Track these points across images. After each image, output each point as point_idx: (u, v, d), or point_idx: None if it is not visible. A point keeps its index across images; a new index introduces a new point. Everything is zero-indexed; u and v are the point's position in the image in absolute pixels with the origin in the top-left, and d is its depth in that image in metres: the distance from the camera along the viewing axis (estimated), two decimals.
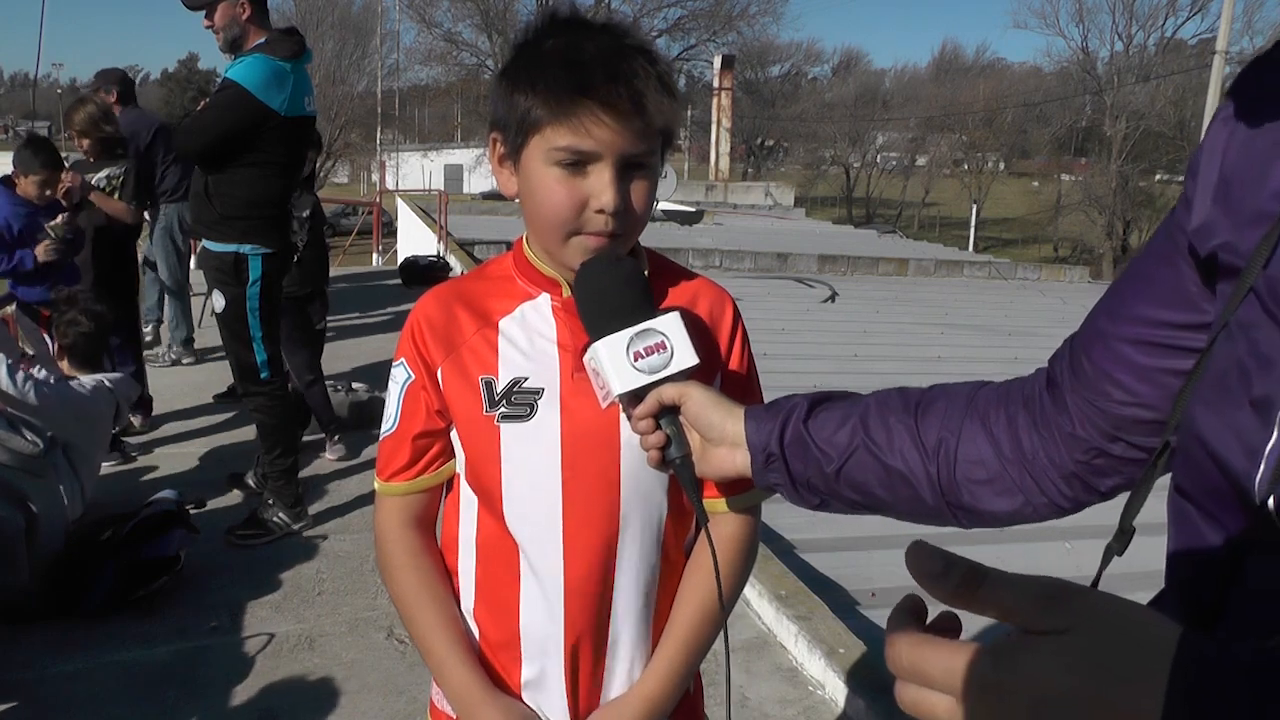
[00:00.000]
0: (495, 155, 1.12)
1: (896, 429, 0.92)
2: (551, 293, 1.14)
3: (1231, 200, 0.67)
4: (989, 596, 0.52)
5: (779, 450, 0.96)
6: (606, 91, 1.01)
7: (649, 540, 1.16)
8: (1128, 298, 0.80)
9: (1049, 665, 0.49)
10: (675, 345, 1.01)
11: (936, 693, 0.53)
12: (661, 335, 1.01)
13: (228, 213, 3.64)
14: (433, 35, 34.99)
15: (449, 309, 1.16)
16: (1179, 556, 0.70)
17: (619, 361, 1.00)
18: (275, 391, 3.83)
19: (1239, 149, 0.67)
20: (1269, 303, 0.62)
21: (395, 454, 1.18)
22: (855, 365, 7.20)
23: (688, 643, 1.18)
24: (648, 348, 1.00)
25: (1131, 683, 0.48)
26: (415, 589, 1.19)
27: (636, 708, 1.17)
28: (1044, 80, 45.47)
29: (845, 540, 3.87)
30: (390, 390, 1.19)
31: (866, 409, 0.95)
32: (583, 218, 1.05)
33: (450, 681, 1.16)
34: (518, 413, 1.11)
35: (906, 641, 0.55)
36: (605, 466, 1.12)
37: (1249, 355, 0.63)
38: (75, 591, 3.18)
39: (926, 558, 0.54)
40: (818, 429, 0.95)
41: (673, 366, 1.01)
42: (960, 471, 0.90)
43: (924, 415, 0.92)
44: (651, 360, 1.00)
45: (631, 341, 1.00)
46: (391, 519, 1.21)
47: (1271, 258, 0.62)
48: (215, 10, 3.64)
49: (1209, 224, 0.69)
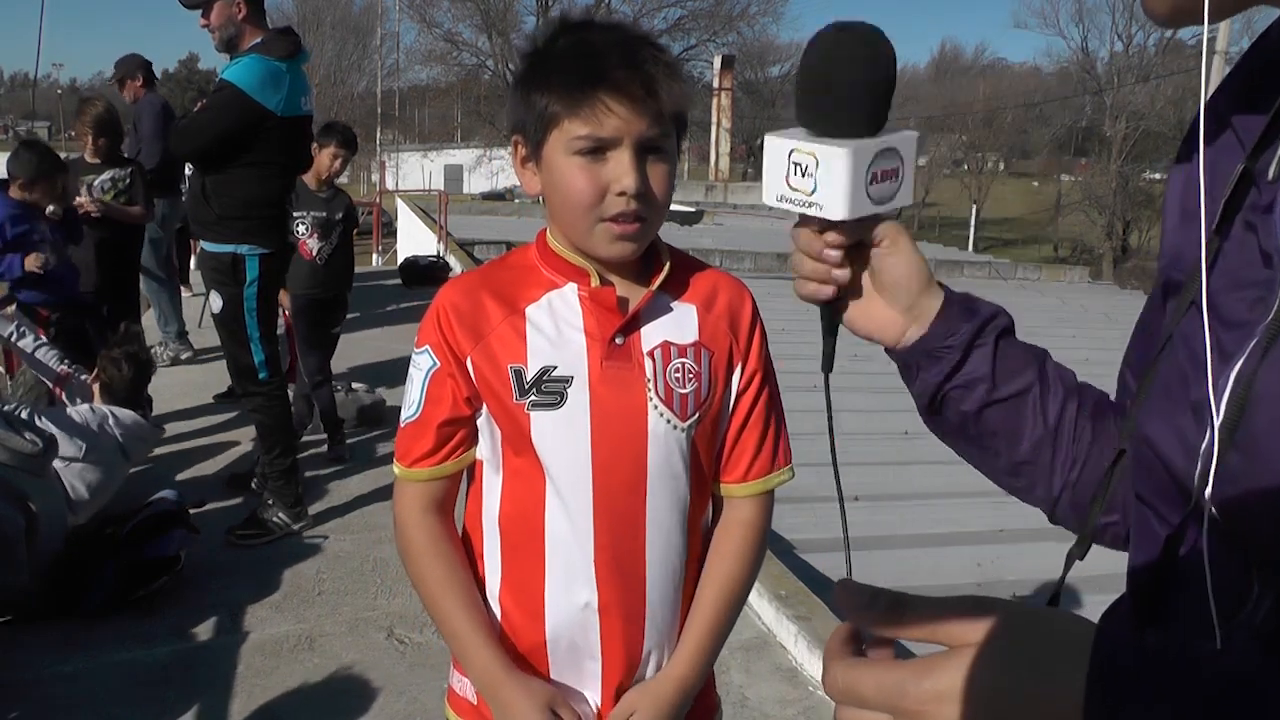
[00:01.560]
0: (517, 158, 1.16)
1: (1064, 399, 0.88)
2: (579, 282, 1.16)
3: (1187, 227, 0.72)
4: (916, 620, 0.56)
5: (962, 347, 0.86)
6: (618, 79, 1.05)
7: (675, 520, 1.18)
8: (1132, 352, 0.84)
9: (976, 672, 0.52)
10: (906, 176, 0.82)
11: (872, 712, 0.56)
12: (900, 160, 0.81)
13: (225, 213, 3.64)
14: (433, 35, 35.00)
15: (475, 297, 1.17)
16: (1135, 558, 0.73)
17: (858, 180, 0.79)
18: (273, 392, 3.83)
19: (1192, 181, 0.71)
20: (1207, 314, 0.66)
21: (418, 440, 1.19)
22: (855, 365, 7.20)
23: (714, 626, 1.21)
24: (884, 171, 0.80)
25: (1056, 678, 0.50)
26: (437, 573, 1.20)
27: (670, 688, 1.19)
28: (1044, 80, 45.55)
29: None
30: (412, 377, 1.20)
31: (1045, 362, 0.89)
32: (605, 203, 1.08)
33: (474, 663, 1.17)
34: (548, 401, 1.13)
35: (840, 665, 0.58)
36: (635, 450, 1.14)
37: (1188, 362, 0.67)
38: (75, 591, 3.18)
39: (854, 593, 0.59)
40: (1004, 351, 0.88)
41: (896, 201, 0.83)
42: (1088, 473, 0.87)
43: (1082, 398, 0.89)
44: (883, 188, 0.81)
45: (876, 159, 0.79)
46: (413, 505, 1.22)
47: (1209, 273, 0.66)
48: (211, 9, 3.64)
49: (1174, 258, 0.74)
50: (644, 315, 1.16)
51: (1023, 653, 0.52)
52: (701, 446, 1.20)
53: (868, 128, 0.79)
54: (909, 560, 3.81)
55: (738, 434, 1.23)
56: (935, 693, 0.53)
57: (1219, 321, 0.65)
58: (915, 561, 3.73)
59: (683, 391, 1.16)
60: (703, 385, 1.17)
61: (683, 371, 1.16)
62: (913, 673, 0.54)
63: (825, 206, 0.80)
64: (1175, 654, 0.50)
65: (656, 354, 1.15)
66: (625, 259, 1.14)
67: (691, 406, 1.16)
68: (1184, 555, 0.67)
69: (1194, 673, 0.49)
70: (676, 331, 1.17)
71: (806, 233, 0.85)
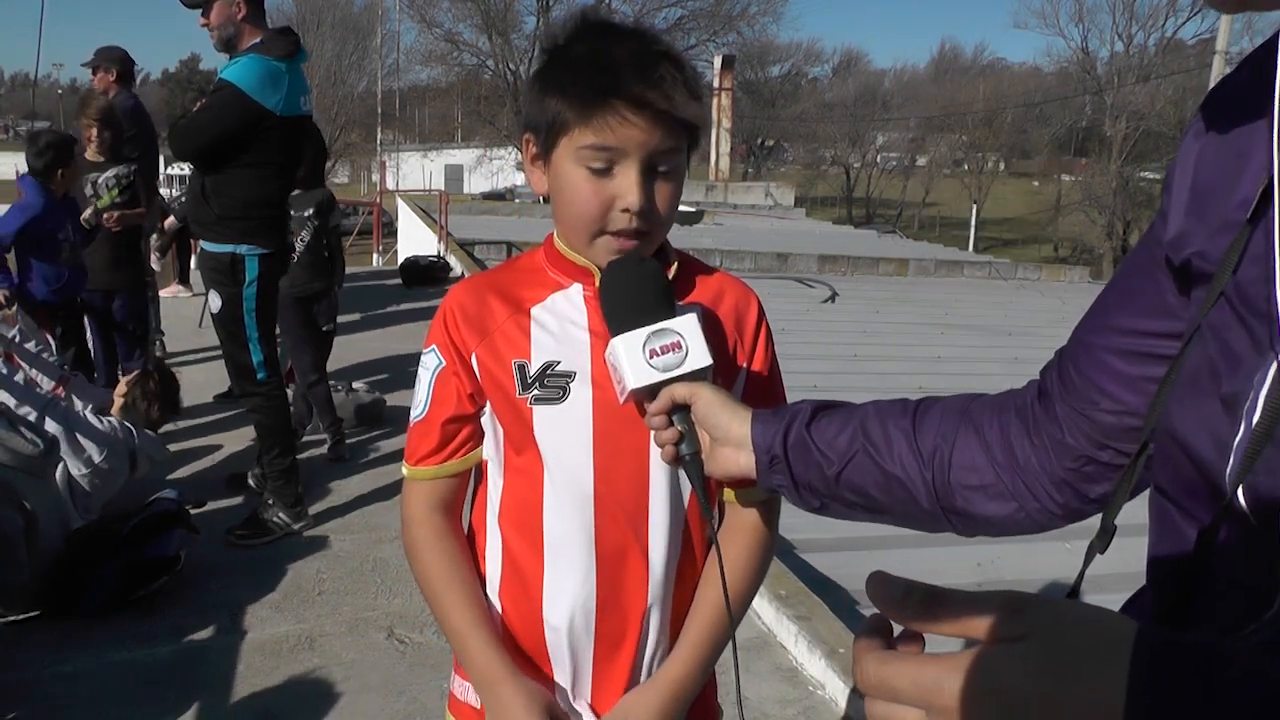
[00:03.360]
0: (528, 155, 1.16)
1: (894, 435, 0.95)
2: (584, 282, 1.17)
3: (1203, 210, 0.70)
4: (949, 615, 0.55)
5: (782, 453, 0.99)
6: (633, 94, 1.05)
7: (677, 520, 1.18)
8: (1110, 310, 0.84)
9: (1014, 671, 0.51)
10: (690, 345, 1.04)
11: (905, 707, 0.55)
12: (677, 335, 1.04)
13: (225, 213, 3.64)
14: (433, 35, 34.95)
15: (481, 296, 1.19)
16: (1157, 553, 0.72)
17: (635, 358, 1.03)
18: (272, 392, 3.83)
19: (1208, 161, 0.70)
20: (1238, 305, 0.65)
21: (424, 439, 1.20)
22: (855, 365, 7.21)
23: (713, 630, 1.21)
24: (663, 346, 1.03)
25: (1093, 679, 0.49)
26: (440, 571, 1.20)
27: (667, 691, 1.19)
28: (1044, 80, 45.49)
29: (845, 540, 3.88)
30: (420, 377, 1.21)
31: (866, 415, 0.98)
32: (609, 217, 1.09)
33: (474, 662, 1.17)
34: (550, 395, 1.14)
35: (873, 658, 0.56)
36: (636, 445, 1.14)
37: (1220, 355, 0.66)
38: (75, 591, 3.18)
39: (887, 585, 0.57)
40: (819, 433, 0.98)
41: (686, 366, 1.03)
42: (954, 477, 0.92)
43: (921, 422, 0.95)
44: (666, 359, 1.03)
45: (648, 339, 1.03)
46: (419, 503, 1.22)
47: (1240, 263, 0.65)
48: (211, 8, 3.64)
49: (1183, 234, 0.72)
50: None
51: (1062, 652, 0.50)
52: None
53: (644, 320, 1.04)
54: (909, 560, 3.80)
55: None
56: (975, 693, 0.51)
57: (1251, 312, 0.63)
58: (915, 562, 3.72)
59: None
60: None
61: None
62: (950, 669, 0.52)
63: (624, 380, 1.05)
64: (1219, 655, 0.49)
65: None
66: None
67: None
68: (1213, 552, 0.65)
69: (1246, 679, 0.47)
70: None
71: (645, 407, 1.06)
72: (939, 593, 0.55)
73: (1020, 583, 3.77)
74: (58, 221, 4.59)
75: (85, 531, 3.33)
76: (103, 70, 5.89)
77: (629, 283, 1.07)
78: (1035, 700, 0.50)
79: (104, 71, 5.87)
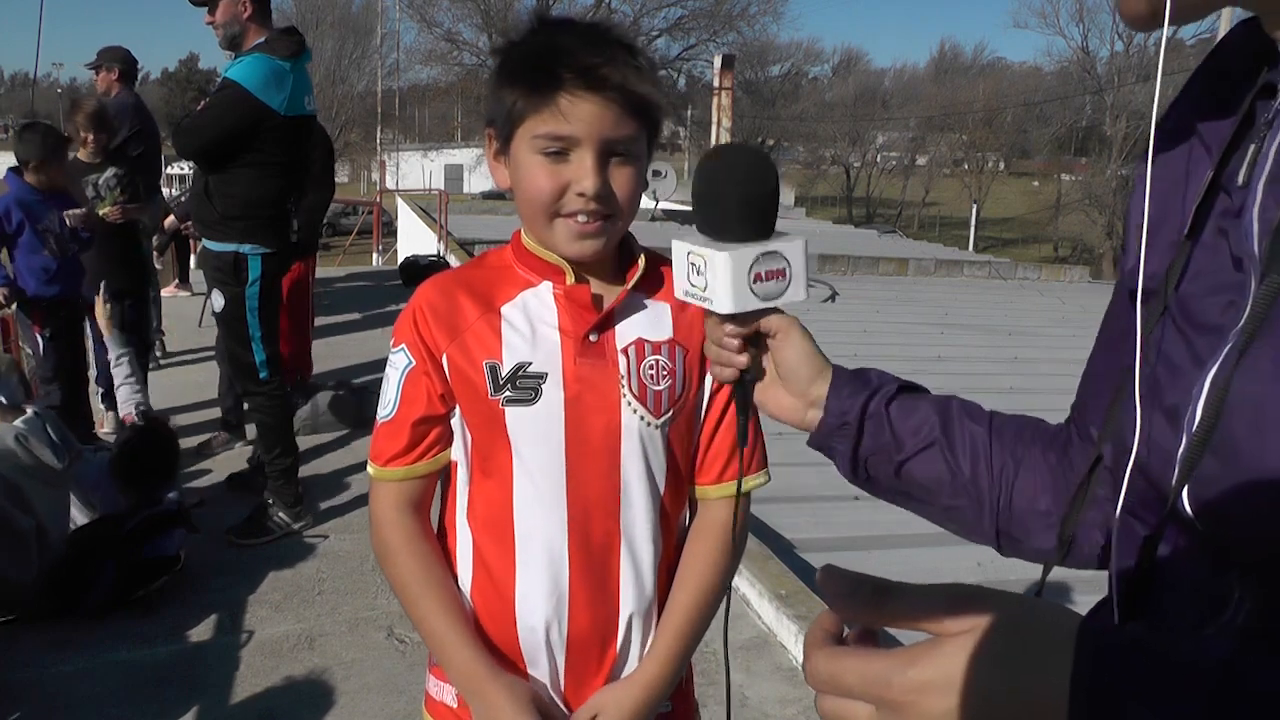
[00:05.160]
0: (490, 151, 1.16)
1: (972, 441, 0.92)
2: (554, 280, 1.16)
3: (1154, 237, 0.73)
4: (898, 608, 0.55)
5: (856, 421, 0.93)
6: (581, 78, 1.05)
7: (650, 518, 1.18)
8: (1095, 358, 0.86)
9: (962, 662, 0.51)
10: (794, 276, 0.93)
11: (855, 702, 0.55)
12: (785, 262, 0.92)
13: (228, 213, 3.65)
14: (433, 35, 35.02)
15: (451, 295, 1.18)
16: (1119, 561, 0.74)
17: (740, 280, 0.90)
18: (274, 392, 3.83)
19: (1156, 191, 0.73)
20: (1179, 319, 0.68)
21: (393, 439, 1.19)
22: (855, 365, 7.20)
23: (686, 627, 1.21)
24: (769, 271, 0.91)
25: (1039, 670, 0.50)
26: (414, 573, 1.19)
27: (638, 690, 1.19)
28: (1044, 80, 45.52)
29: (845, 540, 3.88)
30: (388, 376, 1.20)
31: (949, 412, 0.94)
32: (563, 200, 1.09)
33: (454, 662, 1.17)
34: (522, 396, 1.13)
35: (823, 654, 0.57)
36: (609, 447, 1.14)
37: (1162, 368, 0.68)
38: (75, 591, 3.18)
39: (838, 579, 0.58)
40: (899, 414, 0.94)
41: (786, 297, 0.93)
42: (1017, 502, 0.91)
43: (997, 437, 0.93)
44: (768, 286, 0.92)
45: (758, 261, 0.91)
46: (388, 504, 1.21)
47: (1181, 280, 0.69)
48: (217, 6, 3.64)
49: (1139, 262, 0.74)
50: (618, 313, 1.17)
51: (1011, 643, 0.51)
52: (677, 444, 1.20)
53: (753, 235, 0.91)
54: (909, 560, 3.80)
55: (712, 434, 1.24)
56: (920, 683, 0.52)
57: (1192, 326, 0.66)
58: (915, 561, 3.72)
59: (657, 388, 1.16)
60: (677, 382, 1.18)
61: (656, 368, 1.16)
62: (898, 662, 0.53)
63: (714, 301, 0.92)
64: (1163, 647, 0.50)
65: (630, 351, 1.16)
66: (588, 257, 1.14)
67: (666, 403, 1.17)
68: (1164, 559, 0.67)
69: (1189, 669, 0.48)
70: (651, 329, 1.18)
71: (711, 322, 0.96)
72: (888, 586, 0.56)
73: (1021, 582, 3.76)
74: (36, 214, 4.48)
75: (85, 531, 3.33)
76: (105, 69, 5.89)
77: (747, 183, 0.91)
78: (985, 690, 0.51)
79: (106, 70, 5.87)
